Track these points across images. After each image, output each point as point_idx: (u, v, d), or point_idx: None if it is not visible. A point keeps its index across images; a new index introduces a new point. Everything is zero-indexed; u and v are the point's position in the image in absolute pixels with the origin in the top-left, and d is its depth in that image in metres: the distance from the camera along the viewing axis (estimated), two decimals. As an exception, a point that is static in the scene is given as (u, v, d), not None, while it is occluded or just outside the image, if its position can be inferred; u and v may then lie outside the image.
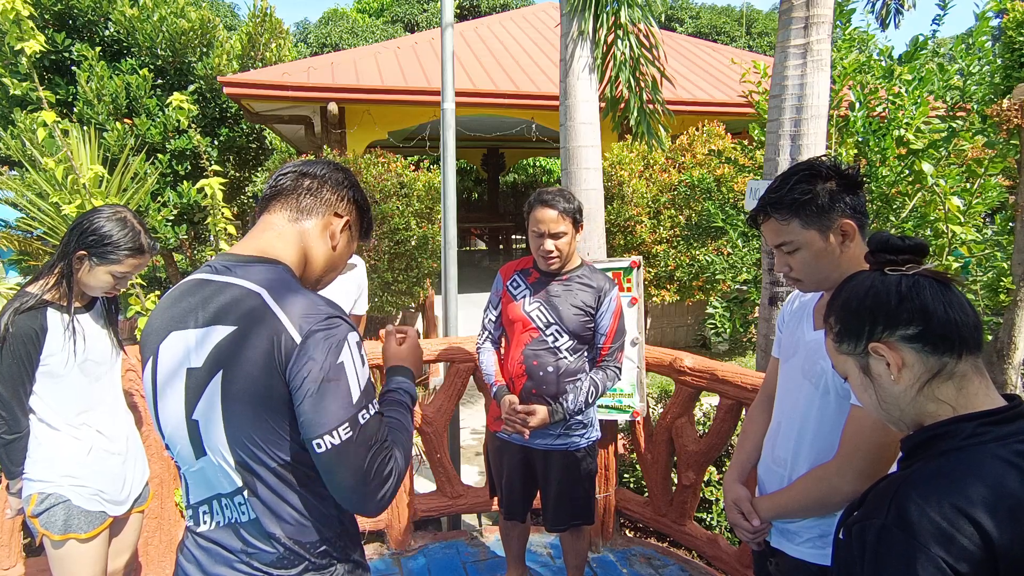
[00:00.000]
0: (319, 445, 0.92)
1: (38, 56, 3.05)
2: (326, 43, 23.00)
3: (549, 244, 2.09)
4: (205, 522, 1.04)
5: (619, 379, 2.22)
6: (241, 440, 0.96)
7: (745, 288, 4.44)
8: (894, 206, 3.85)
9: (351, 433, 0.93)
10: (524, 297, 2.21)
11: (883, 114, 4.04)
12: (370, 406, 0.97)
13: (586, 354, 2.19)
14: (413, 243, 6.36)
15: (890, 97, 3.98)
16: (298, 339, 0.93)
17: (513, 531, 2.46)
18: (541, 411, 2.09)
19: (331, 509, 1.04)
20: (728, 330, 4.33)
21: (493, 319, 2.33)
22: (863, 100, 3.92)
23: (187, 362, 0.98)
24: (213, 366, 0.95)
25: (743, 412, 2.37)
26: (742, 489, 1.52)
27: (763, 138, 3.54)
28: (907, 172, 3.75)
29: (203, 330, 0.97)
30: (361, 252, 6.05)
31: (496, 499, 2.48)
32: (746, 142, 5.79)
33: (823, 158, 1.36)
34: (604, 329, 2.15)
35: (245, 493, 0.99)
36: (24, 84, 6.63)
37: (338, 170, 1.17)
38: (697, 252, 6.54)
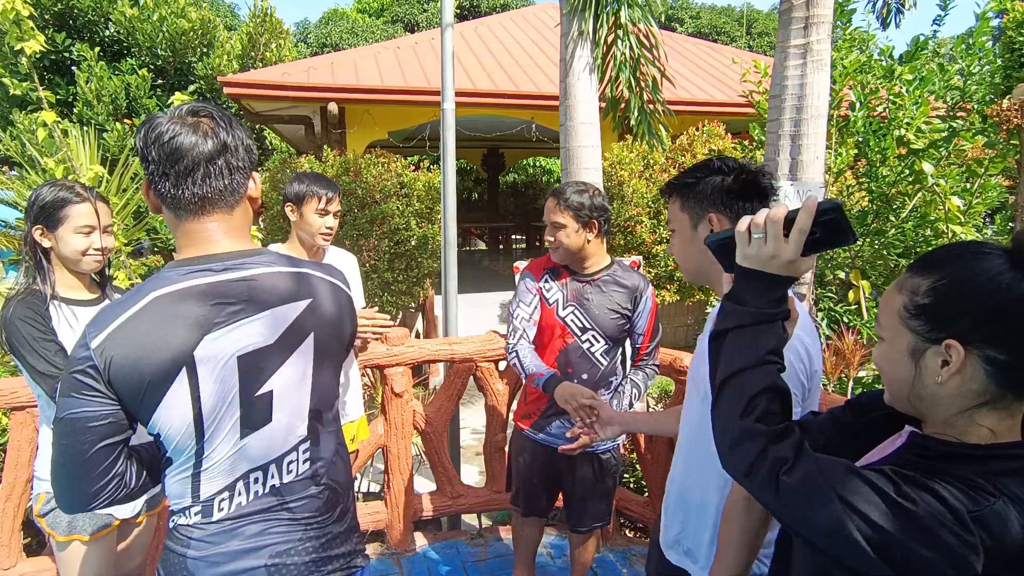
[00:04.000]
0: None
1: (38, 56, 3.05)
2: (326, 43, 23.01)
3: (548, 234, 2.08)
4: (222, 508, 1.07)
5: (657, 375, 2.20)
6: (322, 387, 1.16)
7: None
8: (894, 206, 3.85)
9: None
10: (557, 302, 2.13)
11: (883, 114, 4.04)
12: None
13: (619, 354, 2.15)
14: (413, 243, 6.35)
15: (891, 97, 3.99)
16: (349, 292, 1.24)
17: (526, 529, 2.43)
18: (605, 407, 1.86)
19: (343, 441, 1.24)
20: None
21: (527, 317, 2.16)
22: (863, 100, 3.92)
23: (243, 348, 1.05)
24: (299, 335, 1.11)
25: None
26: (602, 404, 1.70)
27: (763, 138, 3.54)
28: (907, 172, 3.75)
29: (264, 314, 1.08)
30: (361, 251, 6.06)
31: (511, 496, 2.47)
32: (746, 142, 5.79)
33: (732, 158, 1.36)
34: (641, 329, 2.10)
35: (304, 446, 1.14)
36: (24, 84, 6.63)
37: (227, 136, 1.08)
38: (697, 252, 6.54)
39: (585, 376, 2.10)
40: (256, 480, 1.09)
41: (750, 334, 0.91)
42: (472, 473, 4.58)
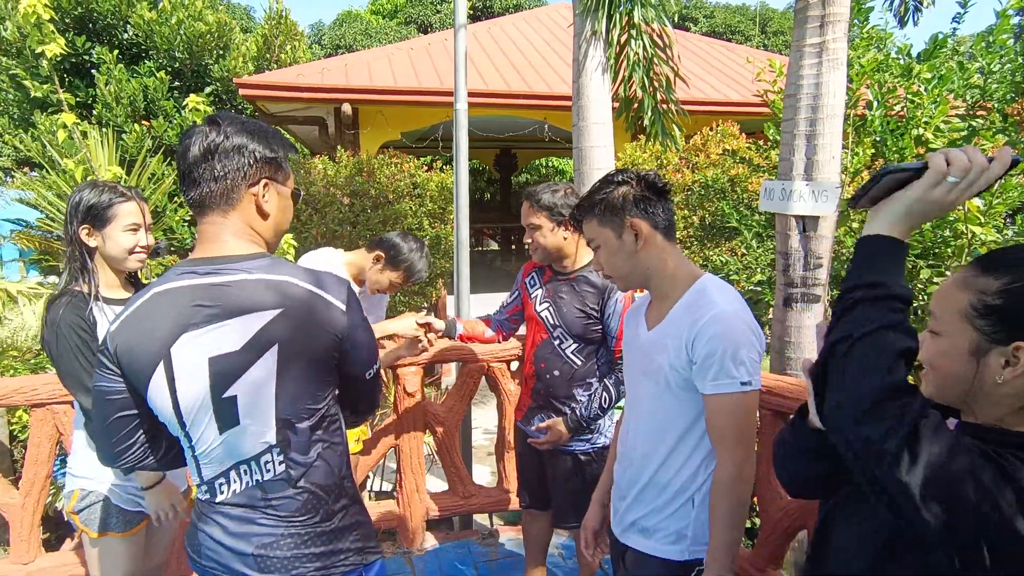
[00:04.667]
0: (369, 373, 1.25)
1: (59, 59, 3.11)
2: (340, 44, 23.16)
3: (526, 236, 2.15)
4: (223, 492, 1.17)
5: None
6: (291, 399, 1.14)
7: (759, 289, 4.40)
8: (912, 206, 3.79)
9: (378, 363, 1.28)
10: (536, 297, 2.21)
11: (901, 113, 3.98)
12: None
13: (599, 356, 2.14)
14: (426, 243, 6.38)
15: (909, 96, 3.93)
16: (343, 306, 1.16)
17: (532, 524, 2.44)
18: (556, 426, 2.09)
19: (342, 449, 1.24)
20: (742, 331, 4.29)
21: (505, 304, 2.41)
22: (881, 99, 3.87)
23: (213, 351, 1.10)
24: (264, 344, 1.11)
25: (756, 413, 2.35)
26: (593, 518, 1.66)
27: (778, 138, 3.50)
28: (925, 172, 3.69)
29: (231, 321, 1.10)
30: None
31: (517, 490, 2.48)
32: (761, 142, 5.74)
33: (630, 168, 1.49)
34: (613, 331, 2.09)
35: (276, 450, 1.15)
36: (45, 87, 6.75)
37: (220, 139, 1.13)
38: (711, 253, 6.50)
39: (557, 373, 2.14)
40: (245, 472, 1.16)
41: (894, 290, 0.85)
42: (484, 473, 4.59)
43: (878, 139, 3.91)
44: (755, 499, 2.97)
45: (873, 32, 4.23)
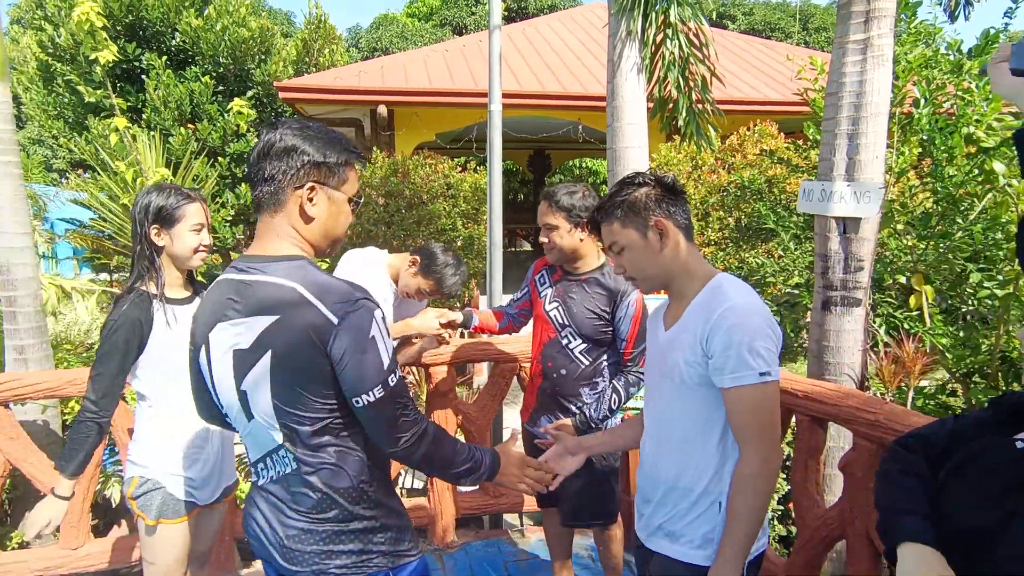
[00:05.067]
0: (358, 402, 1.13)
1: (110, 65, 3.24)
2: (377, 47, 23.52)
3: (542, 235, 2.14)
4: (263, 476, 1.23)
5: (643, 384, 2.14)
6: (285, 405, 1.14)
7: (797, 292, 4.30)
8: (962, 208, 3.65)
9: (383, 392, 1.13)
10: (546, 296, 2.22)
11: (951, 111, 3.84)
12: (396, 370, 1.17)
13: (606, 357, 2.15)
14: (459, 243, 6.42)
15: (958, 93, 3.78)
16: (336, 321, 1.10)
17: (550, 523, 2.44)
18: (566, 428, 2.03)
19: (361, 456, 1.21)
20: (779, 335, 4.19)
21: (515, 299, 2.42)
22: (929, 96, 3.73)
23: (234, 345, 1.16)
24: (262, 348, 1.13)
25: (792, 418, 2.30)
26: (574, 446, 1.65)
27: (818, 137, 3.42)
28: (976, 172, 3.55)
29: (248, 319, 1.14)
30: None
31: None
32: (800, 142, 5.61)
33: (648, 171, 1.49)
34: (623, 335, 2.09)
35: (287, 448, 1.18)
36: (98, 92, 7.05)
37: (275, 140, 1.16)
38: (746, 255, 6.37)
39: (564, 371, 2.15)
40: (272, 464, 1.21)
41: None
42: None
43: (925, 138, 3.78)
44: (791, 506, 2.90)
45: (921, 27, 4.09)
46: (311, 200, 1.18)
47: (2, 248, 3.12)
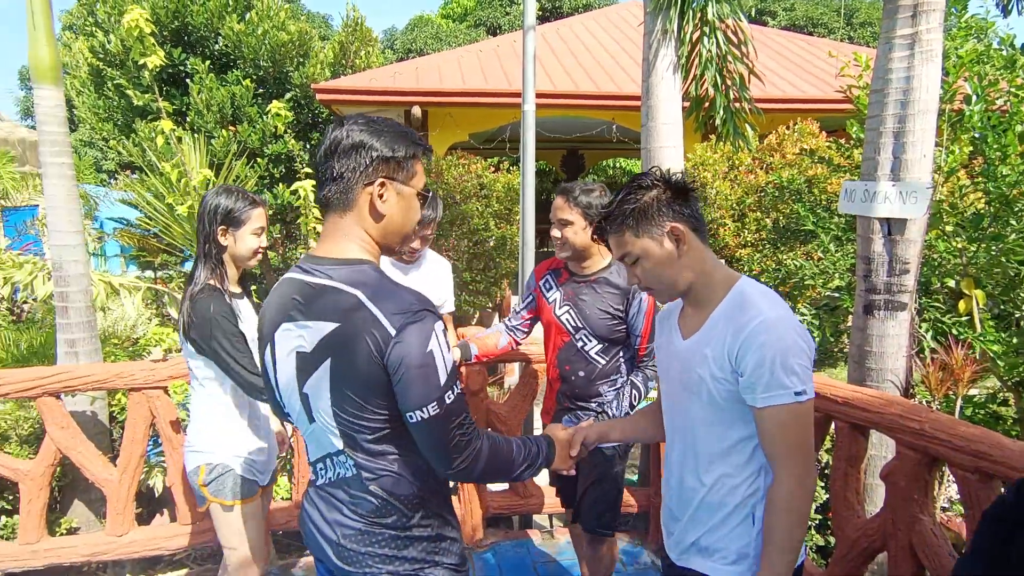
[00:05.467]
0: (411, 417, 1.10)
1: (158, 70, 3.36)
2: (411, 48, 23.77)
3: (555, 230, 2.12)
4: (322, 476, 1.23)
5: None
6: (344, 412, 1.13)
7: (837, 295, 4.17)
8: (1015, 208, 3.48)
9: (438, 410, 1.09)
10: (555, 300, 2.21)
11: (1004, 107, 3.67)
12: (455, 387, 1.13)
13: (622, 354, 2.15)
14: (492, 244, 6.44)
15: (1012, 89, 3.62)
16: (393, 332, 1.07)
17: (573, 523, 2.42)
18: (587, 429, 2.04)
19: (423, 465, 1.19)
20: (817, 339, 4.08)
21: (518, 311, 2.39)
22: (981, 93, 3.58)
23: (297, 347, 1.16)
24: (322, 354, 1.12)
25: (831, 425, 2.23)
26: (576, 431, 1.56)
27: (862, 135, 3.31)
28: (1031, 171, 3.39)
29: (311, 323, 1.13)
30: (440, 251, 6.20)
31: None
32: (843, 140, 5.45)
33: (652, 170, 1.36)
34: (638, 331, 2.10)
35: (344, 454, 1.17)
36: (146, 96, 7.30)
37: (341, 137, 1.14)
38: (784, 256, 6.22)
39: (582, 373, 2.14)
40: (331, 465, 1.20)
41: None
42: (544, 473, 4.58)
43: (977, 136, 3.62)
44: (829, 515, 2.82)
45: (972, 21, 3.92)
46: (381, 197, 1.15)
47: (56, 246, 3.26)
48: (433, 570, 1.20)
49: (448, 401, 1.10)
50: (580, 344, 2.14)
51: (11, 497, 3.01)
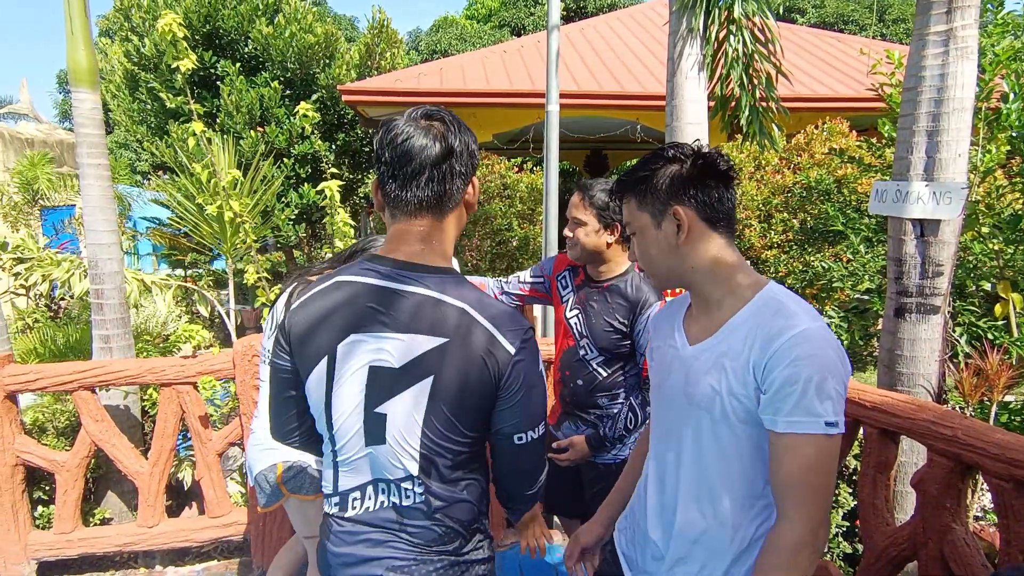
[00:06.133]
0: (520, 439, 1.07)
1: (190, 73, 3.44)
2: (436, 50, 23.92)
3: (567, 229, 2.03)
4: (355, 507, 1.11)
5: None
6: (436, 435, 1.05)
7: (867, 298, 4.08)
8: (1055, 210, 3.37)
9: (543, 431, 1.09)
10: (568, 300, 2.10)
11: (1044, 105, 3.56)
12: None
13: (625, 369, 2.02)
14: (514, 243, 6.46)
15: (1053, 86, 3.50)
16: (512, 351, 1.03)
17: (570, 528, 2.39)
18: (579, 445, 2.01)
19: (484, 488, 1.16)
20: (846, 342, 4.00)
21: (523, 280, 2.25)
22: (1019, 91, 3.47)
23: (374, 361, 1.05)
24: (421, 371, 1.02)
25: (860, 430, 2.18)
26: (589, 534, 1.46)
27: (894, 134, 3.23)
28: (1073, 171, 3.28)
29: (402, 336, 1.03)
30: (463, 251, 6.23)
31: None
32: (874, 139, 5.33)
33: (694, 143, 1.18)
34: (643, 349, 1.93)
35: (417, 480, 1.07)
36: (178, 98, 7.47)
37: (450, 137, 1.06)
38: (811, 258, 6.11)
39: (581, 382, 2.04)
40: (383, 491, 1.09)
41: None
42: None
43: (1015, 135, 3.52)
44: (857, 523, 2.76)
45: (1009, 18, 3.81)
46: (472, 191, 1.11)
47: (92, 245, 3.36)
48: None
49: (546, 422, 1.09)
50: (583, 352, 2.03)
51: (48, 488, 3.11)
